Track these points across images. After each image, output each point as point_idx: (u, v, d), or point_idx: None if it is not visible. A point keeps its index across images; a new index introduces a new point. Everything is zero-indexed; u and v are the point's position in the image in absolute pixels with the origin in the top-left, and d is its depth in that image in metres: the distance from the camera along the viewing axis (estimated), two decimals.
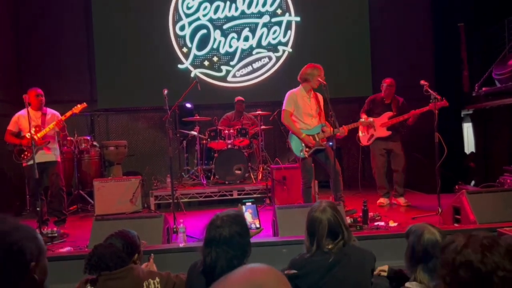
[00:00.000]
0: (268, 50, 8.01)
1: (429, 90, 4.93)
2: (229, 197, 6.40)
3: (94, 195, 6.03)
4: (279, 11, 8.03)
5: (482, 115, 7.34)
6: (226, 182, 6.61)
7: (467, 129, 7.96)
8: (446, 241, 1.36)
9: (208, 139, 6.81)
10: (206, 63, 7.95)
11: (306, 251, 2.38)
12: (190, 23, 7.92)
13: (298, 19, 8.03)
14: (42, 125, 5.14)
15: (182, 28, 7.92)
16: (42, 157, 5.09)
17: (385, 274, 2.55)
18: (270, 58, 8.01)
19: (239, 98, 7.36)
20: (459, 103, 7.53)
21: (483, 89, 6.54)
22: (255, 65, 8.00)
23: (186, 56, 7.91)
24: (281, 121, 5.08)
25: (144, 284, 2.11)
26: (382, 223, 4.44)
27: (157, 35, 7.84)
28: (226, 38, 7.95)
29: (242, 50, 7.98)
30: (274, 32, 8.00)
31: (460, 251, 1.22)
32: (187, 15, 7.91)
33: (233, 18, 7.97)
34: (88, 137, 6.96)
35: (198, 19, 7.92)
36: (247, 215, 2.96)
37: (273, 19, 8.01)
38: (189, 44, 7.91)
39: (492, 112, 6.96)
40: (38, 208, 4.82)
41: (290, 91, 4.97)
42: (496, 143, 7.03)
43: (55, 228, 4.85)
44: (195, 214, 5.85)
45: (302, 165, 4.87)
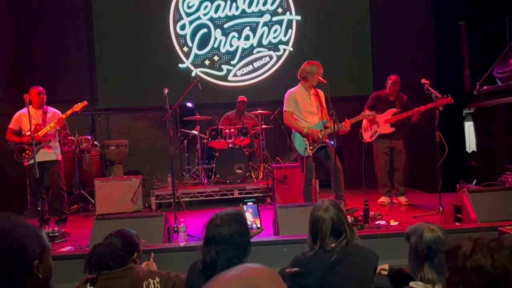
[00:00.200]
0: (269, 49, 8.00)
1: (430, 89, 4.91)
2: (230, 197, 6.41)
3: (95, 195, 6.03)
4: (280, 10, 8.02)
5: (484, 114, 7.32)
6: (227, 181, 6.60)
7: (469, 128, 7.93)
8: (451, 245, 1.35)
9: (209, 138, 6.81)
10: (207, 62, 7.95)
11: (309, 250, 2.38)
12: (191, 22, 7.91)
13: (299, 18, 8.01)
14: (43, 124, 5.15)
15: (183, 27, 7.91)
16: (43, 156, 5.10)
17: (386, 273, 2.55)
18: (271, 57, 8.00)
19: (242, 99, 7.32)
20: (461, 102, 7.51)
21: (485, 88, 6.53)
22: (256, 64, 7.99)
23: (187, 56, 7.91)
24: (283, 122, 5.08)
25: (144, 284, 2.11)
26: (383, 222, 4.44)
27: (158, 34, 7.84)
28: (227, 37, 7.94)
29: (243, 49, 7.97)
30: (275, 31, 7.99)
31: (470, 256, 1.21)
32: (188, 14, 7.90)
33: (234, 17, 7.96)
34: (89, 137, 6.96)
35: (199, 18, 7.92)
36: (248, 215, 2.95)
37: (274, 18, 8.00)
38: (190, 43, 7.91)
39: (494, 111, 6.95)
40: (39, 208, 4.83)
41: (289, 91, 4.96)
42: (497, 142, 7.01)
43: (56, 228, 4.84)
44: (196, 214, 5.86)
45: (303, 164, 4.86)
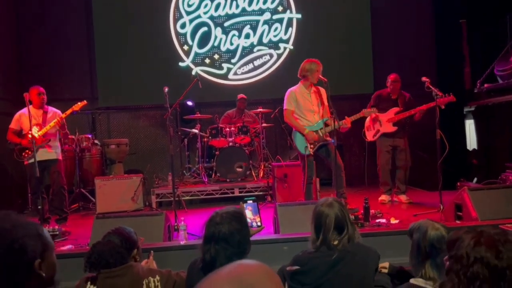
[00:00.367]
0: (269, 48, 7.99)
1: (431, 87, 4.89)
2: (231, 195, 6.41)
3: (96, 193, 6.03)
4: (280, 8, 8.00)
5: (484, 112, 7.30)
6: (228, 180, 6.60)
7: (469, 126, 7.92)
8: (453, 236, 1.37)
9: (209, 137, 6.81)
10: (207, 61, 7.94)
11: (311, 244, 2.37)
12: (191, 21, 7.90)
13: (299, 16, 8.00)
14: (43, 123, 5.14)
15: (183, 26, 7.90)
16: (44, 155, 5.10)
17: (386, 271, 2.55)
18: (271, 56, 7.99)
19: (242, 96, 7.34)
20: (461, 100, 7.49)
21: (485, 86, 6.52)
22: (256, 63, 7.98)
23: (187, 54, 7.90)
24: (284, 121, 5.07)
25: (144, 282, 2.10)
26: (384, 220, 4.43)
27: (158, 33, 7.83)
28: (227, 36, 7.93)
29: (243, 48, 7.96)
30: (275, 30, 7.98)
31: (474, 247, 1.22)
32: (188, 13, 7.89)
33: (234, 16, 7.94)
34: (90, 135, 6.97)
35: (199, 17, 7.91)
36: (248, 213, 2.95)
37: (274, 16, 7.99)
38: (190, 42, 7.90)
39: (494, 109, 6.93)
40: (40, 207, 4.84)
41: (289, 90, 4.96)
42: (498, 140, 6.99)
43: (57, 226, 4.84)
44: (197, 212, 5.85)
45: (304, 162, 4.86)
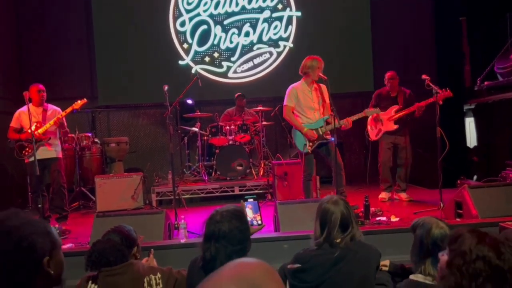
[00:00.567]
0: (269, 46, 7.98)
1: (431, 85, 4.89)
2: (231, 193, 6.40)
3: (96, 192, 6.03)
4: (280, 6, 7.99)
5: (484, 110, 7.30)
6: (228, 178, 6.59)
7: (469, 124, 7.92)
8: (455, 233, 1.39)
9: (209, 135, 6.80)
10: (207, 59, 7.93)
11: (314, 240, 2.38)
12: (191, 19, 7.89)
13: (299, 14, 7.99)
14: (43, 121, 5.14)
15: (183, 24, 7.89)
16: (44, 154, 5.09)
17: (387, 269, 2.55)
18: (271, 54, 7.98)
19: (239, 93, 7.35)
20: (461, 98, 7.49)
21: (485, 83, 6.51)
22: (256, 61, 7.98)
23: (187, 52, 7.89)
24: (283, 117, 5.06)
25: (145, 280, 2.11)
26: (384, 218, 4.43)
27: (158, 31, 7.82)
28: (227, 34, 7.92)
29: (243, 46, 7.95)
30: (275, 28, 7.97)
31: (477, 245, 1.24)
32: (188, 11, 7.88)
33: (234, 14, 7.93)
34: (90, 134, 6.97)
35: (199, 15, 7.89)
36: (248, 211, 2.96)
37: (274, 14, 7.97)
38: (190, 40, 7.89)
39: (494, 106, 6.92)
40: (40, 205, 4.83)
41: (291, 86, 4.95)
42: (498, 138, 6.99)
43: (57, 225, 4.85)
44: (197, 210, 5.85)
45: (304, 159, 4.85)
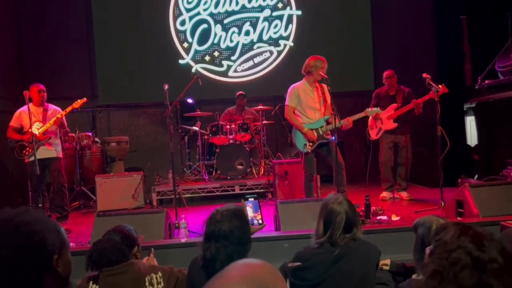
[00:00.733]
0: (269, 45, 7.97)
1: (432, 83, 4.89)
2: (231, 192, 6.39)
3: (96, 191, 6.02)
4: (280, 5, 7.98)
5: (485, 108, 7.29)
6: (228, 177, 6.59)
7: (470, 123, 7.91)
8: (441, 226, 1.46)
9: (210, 135, 6.79)
10: (207, 58, 7.92)
11: (315, 238, 2.37)
12: (191, 18, 7.88)
13: (299, 13, 7.97)
14: (43, 121, 5.14)
15: (183, 23, 7.88)
16: (44, 153, 5.09)
17: (387, 268, 2.54)
18: (271, 53, 7.97)
19: (240, 93, 7.33)
20: (462, 97, 7.48)
21: (486, 82, 6.50)
22: (256, 60, 7.97)
23: (187, 51, 7.88)
24: (284, 116, 5.05)
25: (147, 279, 2.10)
26: (385, 217, 4.42)
27: (158, 30, 7.81)
28: (227, 33, 7.91)
29: (243, 45, 7.94)
30: (275, 26, 7.96)
31: (459, 237, 1.28)
32: (188, 10, 7.87)
33: (234, 13, 7.92)
34: (90, 133, 6.97)
35: (199, 14, 7.88)
36: (248, 210, 2.95)
37: (274, 13, 7.96)
38: (190, 39, 7.88)
39: (495, 105, 6.91)
40: (40, 205, 4.83)
41: (292, 86, 4.92)
42: (499, 136, 6.98)
43: None
44: (197, 210, 5.84)
45: (304, 159, 4.84)
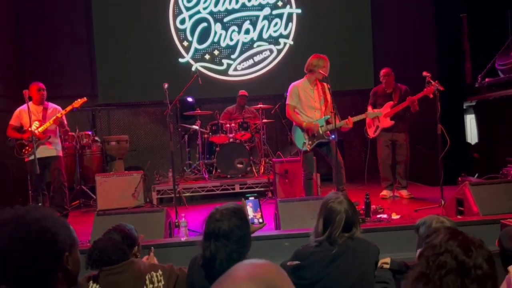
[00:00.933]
0: (269, 43, 7.96)
1: (432, 81, 4.89)
2: (231, 191, 6.39)
3: (96, 190, 6.02)
4: (280, 3, 7.97)
5: (485, 106, 7.28)
6: (228, 176, 6.59)
7: (470, 121, 7.90)
8: (432, 230, 1.52)
9: (210, 133, 6.79)
10: (207, 57, 7.91)
11: (314, 236, 2.37)
12: (191, 17, 7.87)
13: (299, 11, 7.96)
14: (43, 120, 5.14)
15: (183, 22, 7.87)
16: (44, 152, 5.10)
17: (388, 267, 2.54)
18: (271, 51, 7.96)
19: (243, 93, 7.30)
20: (462, 95, 7.47)
21: (486, 80, 6.50)
22: (256, 58, 7.96)
23: (187, 50, 7.87)
24: (285, 115, 5.05)
25: (147, 277, 2.11)
26: (385, 216, 4.42)
27: (158, 29, 7.80)
28: (227, 31, 7.90)
29: (243, 43, 7.93)
30: (275, 25, 7.95)
31: (448, 241, 1.32)
32: (188, 8, 7.86)
33: (234, 11, 7.91)
34: (90, 132, 6.97)
35: (199, 12, 7.87)
36: (248, 209, 2.95)
37: (274, 12, 7.95)
38: (190, 38, 7.87)
39: (495, 103, 6.91)
40: (40, 204, 4.83)
41: (292, 84, 4.90)
42: (499, 135, 6.97)
43: None
44: (197, 208, 5.84)
45: (303, 158, 4.84)
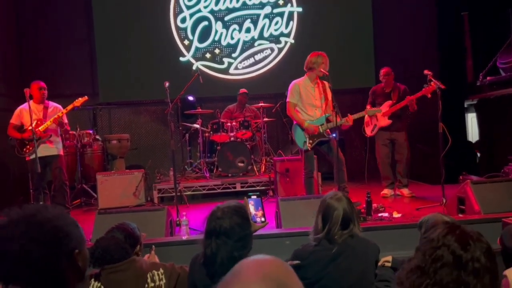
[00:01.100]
0: (270, 42, 7.94)
1: (433, 80, 4.88)
2: (232, 190, 6.39)
3: (97, 189, 6.02)
4: (281, 2, 7.95)
5: (487, 105, 7.26)
6: (229, 175, 6.59)
7: (471, 119, 7.89)
8: (431, 224, 1.45)
9: (211, 132, 6.79)
10: (208, 56, 7.91)
11: (313, 234, 2.38)
12: (191, 15, 7.86)
13: (300, 10, 7.95)
14: (44, 119, 5.15)
15: (183, 21, 7.86)
16: (45, 151, 5.10)
17: (389, 265, 2.54)
18: (272, 50, 7.96)
19: (243, 91, 7.31)
20: (463, 93, 7.46)
21: (488, 78, 6.49)
22: (257, 57, 7.95)
23: (188, 49, 7.86)
24: (286, 113, 5.04)
25: (148, 276, 2.11)
26: (386, 214, 4.42)
27: (158, 28, 7.79)
28: (228, 30, 7.89)
29: (244, 42, 7.92)
30: (276, 23, 7.93)
31: (445, 235, 1.32)
32: (188, 7, 7.85)
33: (235, 10, 7.90)
34: (91, 131, 6.96)
35: (199, 11, 7.86)
36: (251, 208, 2.95)
37: (275, 10, 7.94)
38: (191, 37, 7.86)
39: (497, 102, 6.89)
40: (41, 203, 4.84)
41: (293, 82, 4.91)
42: (501, 133, 6.95)
43: None
44: (198, 207, 5.85)
45: (304, 156, 4.84)
